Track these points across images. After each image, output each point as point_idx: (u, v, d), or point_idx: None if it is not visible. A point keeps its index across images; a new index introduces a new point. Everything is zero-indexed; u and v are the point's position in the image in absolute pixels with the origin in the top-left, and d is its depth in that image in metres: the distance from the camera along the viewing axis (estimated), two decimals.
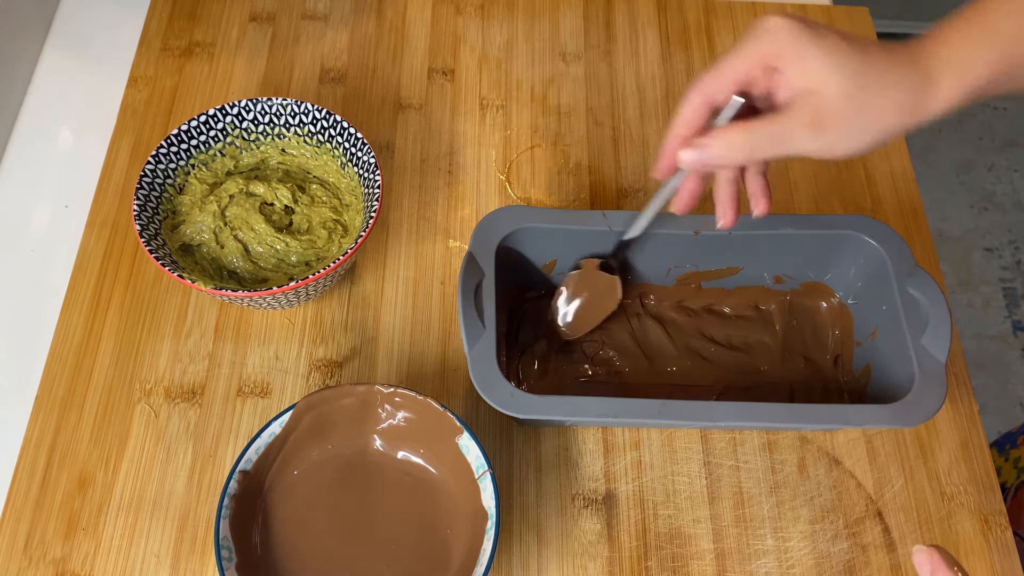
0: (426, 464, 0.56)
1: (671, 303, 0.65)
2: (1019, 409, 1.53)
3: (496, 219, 0.58)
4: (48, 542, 0.55)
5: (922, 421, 0.53)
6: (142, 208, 0.59)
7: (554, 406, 0.53)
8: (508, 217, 0.59)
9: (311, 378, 0.62)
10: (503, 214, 0.59)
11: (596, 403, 0.53)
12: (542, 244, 0.60)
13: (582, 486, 0.59)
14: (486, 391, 0.52)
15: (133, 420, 0.59)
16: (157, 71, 0.75)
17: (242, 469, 0.52)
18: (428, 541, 0.54)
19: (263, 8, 0.79)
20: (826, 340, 0.64)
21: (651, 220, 0.56)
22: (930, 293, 0.57)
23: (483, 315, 0.54)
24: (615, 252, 0.60)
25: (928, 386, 0.54)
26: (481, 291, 0.55)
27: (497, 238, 0.58)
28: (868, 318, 0.61)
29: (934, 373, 0.54)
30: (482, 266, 0.56)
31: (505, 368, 0.59)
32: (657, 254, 0.62)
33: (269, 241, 0.61)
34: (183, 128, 0.62)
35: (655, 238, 0.59)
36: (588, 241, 0.60)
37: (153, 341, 0.62)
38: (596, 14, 0.81)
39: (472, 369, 0.53)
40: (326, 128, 0.64)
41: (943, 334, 0.55)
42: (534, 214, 0.59)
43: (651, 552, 0.57)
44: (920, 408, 0.53)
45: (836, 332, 0.63)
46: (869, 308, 0.61)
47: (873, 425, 0.55)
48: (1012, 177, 1.75)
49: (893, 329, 0.57)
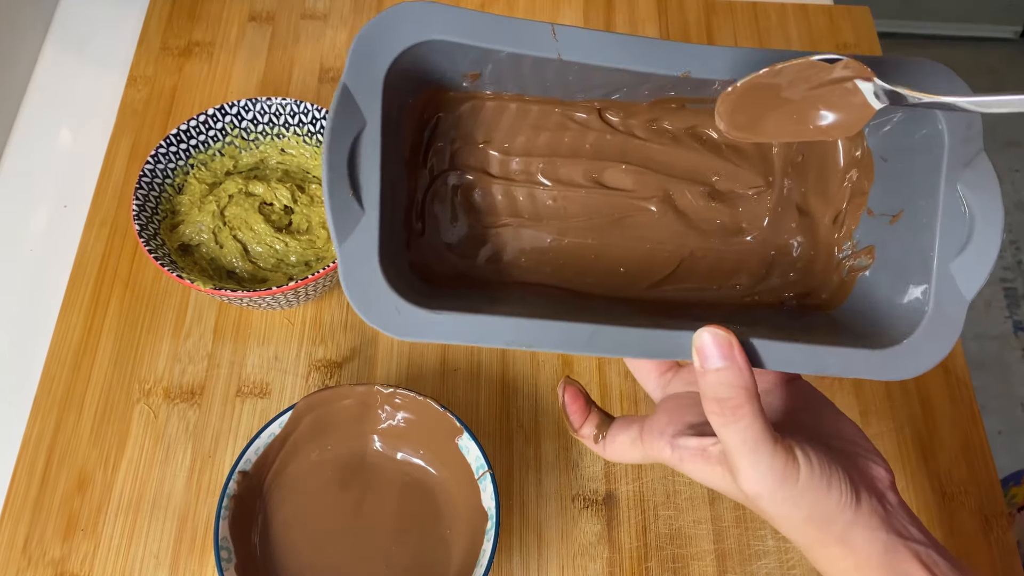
0: (426, 465, 0.56)
1: (641, 122, 0.46)
2: (1019, 409, 1.53)
3: (387, 28, 0.38)
4: (47, 542, 0.55)
5: (916, 374, 0.39)
6: (141, 208, 0.59)
7: (453, 330, 0.38)
8: (406, 22, 0.38)
9: (310, 378, 0.62)
10: (398, 16, 0.38)
11: (508, 325, 0.38)
12: (460, 61, 0.41)
13: (582, 487, 0.59)
14: (361, 305, 0.37)
15: (132, 420, 0.59)
16: (156, 71, 0.74)
17: (241, 470, 0.52)
18: (428, 542, 0.54)
19: (262, 7, 0.79)
20: (832, 187, 0.46)
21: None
22: (984, 198, 0.39)
23: (360, 188, 0.37)
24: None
25: (940, 328, 0.39)
26: (359, 149, 0.37)
27: (388, 59, 0.38)
28: (896, 191, 0.43)
29: (951, 313, 0.39)
30: (362, 107, 0.37)
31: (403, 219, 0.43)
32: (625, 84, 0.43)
33: (268, 241, 0.61)
34: (182, 128, 0.62)
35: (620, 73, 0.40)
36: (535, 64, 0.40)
37: (152, 341, 0.62)
38: (596, 14, 0.81)
39: (343, 273, 0.37)
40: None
41: (983, 263, 0.39)
42: (448, 18, 0.38)
43: (651, 553, 0.57)
44: (918, 355, 0.39)
45: (847, 182, 0.46)
46: (902, 180, 0.43)
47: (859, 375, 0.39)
48: (1013, 177, 1.75)
49: (919, 228, 0.41)
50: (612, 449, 0.42)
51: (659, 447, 0.40)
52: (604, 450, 0.43)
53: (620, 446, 0.42)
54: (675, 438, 0.40)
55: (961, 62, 1.97)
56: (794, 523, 0.37)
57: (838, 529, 0.37)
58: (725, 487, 0.38)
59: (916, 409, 0.63)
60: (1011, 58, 1.98)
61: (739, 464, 0.36)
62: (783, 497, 0.36)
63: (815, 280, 0.46)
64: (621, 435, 0.42)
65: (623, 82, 0.43)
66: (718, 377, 0.36)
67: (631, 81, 0.42)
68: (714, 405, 0.36)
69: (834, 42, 0.81)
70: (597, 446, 0.43)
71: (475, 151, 0.45)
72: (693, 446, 0.39)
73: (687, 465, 0.39)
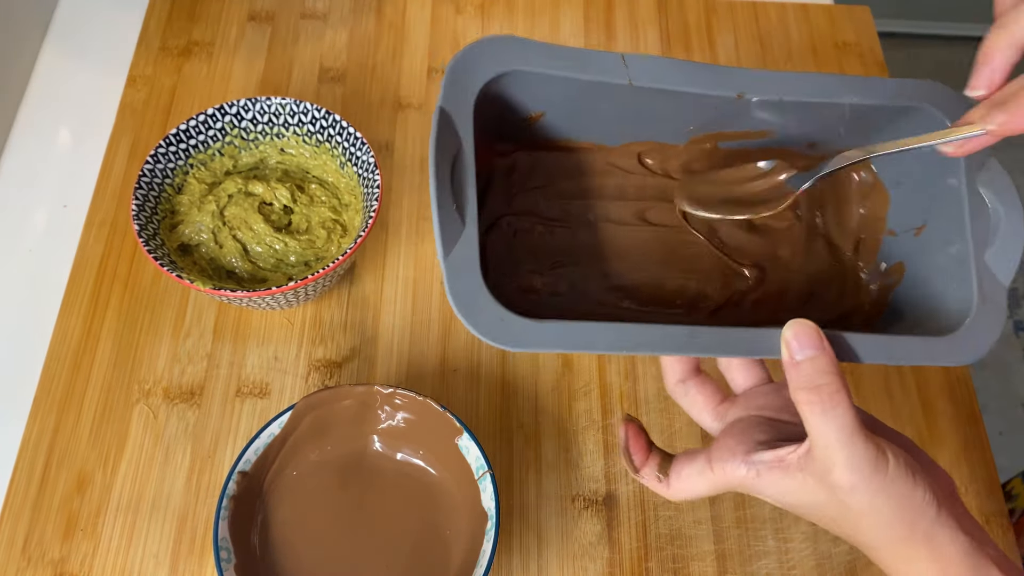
0: (426, 465, 0.56)
1: (677, 165, 0.50)
2: (1020, 409, 1.53)
3: (477, 57, 0.41)
4: (47, 543, 0.55)
5: (977, 358, 0.43)
6: (140, 208, 0.59)
7: (557, 337, 0.39)
8: (494, 53, 0.42)
9: (310, 379, 0.62)
10: (487, 49, 0.42)
11: (610, 330, 0.40)
12: (534, 92, 0.45)
13: (582, 487, 0.59)
14: (468, 314, 0.38)
15: (132, 421, 0.59)
16: (156, 70, 0.74)
17: (241, 470, 0.52)
18: (428, 542, 0.54)
19: (262, 7, 0.79)
20: (848, 219, 0.51)
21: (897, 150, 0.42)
22: (1003, 194, 0.45)
23: (463, 205, 0.39)
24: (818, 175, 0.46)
25: (988, 314, 0.43)
26: (460, 167, 0.39)
27: (477, 86, 0.41)
28: (915, 208, 0.48)
29: (995, 299, 0.44)
30: (459, 130, 0.40)
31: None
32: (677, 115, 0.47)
33: (268, 241, 0.61)
34: (182, 127, 0.62)
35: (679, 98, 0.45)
36: (599, 95, 0.45)
37: (152, 341, 0.62)
38: (596, 14, 0.81)
39: (449, 284, 0.38)
40: (325, 128, 0.63)
41: (1015, 249, 0.44)
42: (532, 51, 0.42)
43: (652, 553, 0.57)
44: (976, 341, 0.43)
45: (861, 211, 0.51)
46: (919, 197, 0.48)
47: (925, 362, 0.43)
48: (1012, 177, 1.75)
49: (950, 233, 0.45)
50: (678, 485, 0.42)
51: (731, 468, 0.40)
52: (669, 488, 0.42)
53: (687, 480, 0.41)
54: (748, 455, 0.39)
55: (961, 62, 1.97)
56: (885, 518, 0.37)
57: (924, 526, 0.37)
58: (804, 495, 0.38)
59: (916, 409, 0.63)
60: None
61: (836, 456, 0.36)
62: (877, 487, 0.36)
63: (849, 302, 0.50)
64: (687, 468, 0.41)
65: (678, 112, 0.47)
66: (813, 365, 0.37)
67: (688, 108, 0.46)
68: (811, 395, 0.36)
69: (834, 42, 0.81)
70: (660, 485, 0.42)
71: (531, 195, 0.48)
72: (769, 458, 0.39)
73: (764, 479, 0.39)
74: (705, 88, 0.44)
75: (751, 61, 0.79)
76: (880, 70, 0.79)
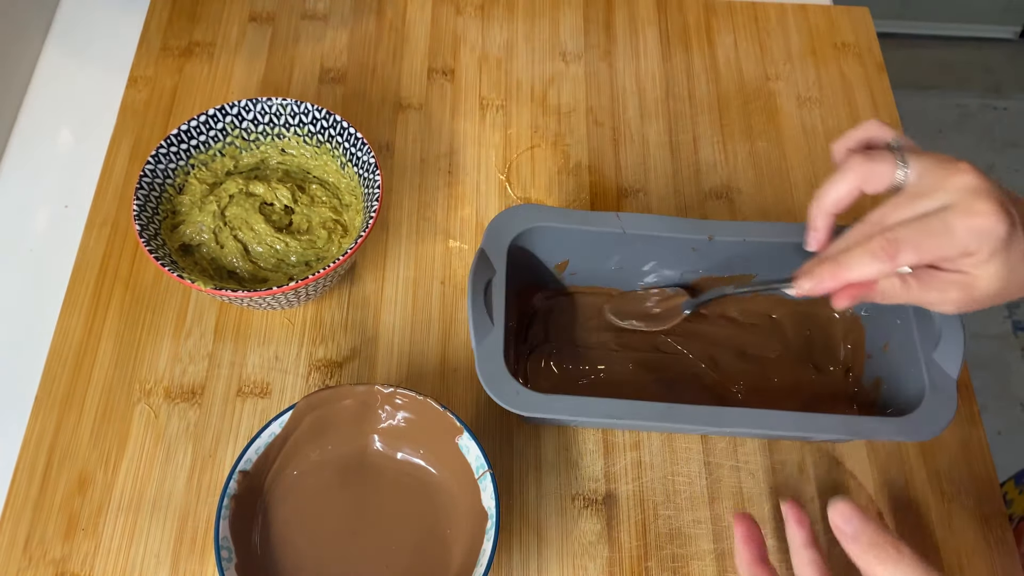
0: (426, 464, 0.56)
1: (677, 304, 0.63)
2: (1019, 409, 1.53)
3: (509, 217, 0.58)
4: (48, 542, 0.55)
5: (930, 436, 0.53)
6: (142, 208, 0.59)
7: (560, 405, 0.53)
8: (522, 215, 0.59)
9: (311, 378, 0.62)
10: (517, 212, 0.59)
11: (602, 404, 0.53)
12: (554, 244, 0.61)
13: (582, 486, 0.59)
14: (493, 388, 0.52)
15: (133, 420, 0.59)
16: (157, 71, 0.74)
17: (242, 469, 0.52)
18: (428, 541, 0.54)
19: (263, 8, 0.79)
20: (837, 351, 0.63)
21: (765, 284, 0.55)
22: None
23: (492, 312, 0.54)
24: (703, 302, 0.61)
25: (938, 401, 0.53)
26: (491, 288, 0.55)
27: (509, 236, 0.58)
28: (880, 330, 0.60)
29: (945, 388, 0.54)
30: (493, 263, 0.56)
31: (513, 366, 0.59)
32: (669, 257, 0.62)
33: (269, 241, 0.61)
34: (183, 128, 0.62)
35: (668, 243, 0.59)
36: (602, 243, 0.60)
37: (153, 341, 0.62)
38: (596, 14, 0.81)
39: (479, 366, 0.53)
40: (326, 128, 0.63)
41: (956, 349, 0.55)
42: (548, 213, 0.59)
43: (651, 552, 0.57)
44: (929, 423, 0.53)
45: (848, 345, 0.63)
46: (881, 320, 0.60)
47: (882, 437, 0.54)
48: (1012, 177, 1.75)
49: (905, 342, 0.57)
50: None
51: None
52: None
53: None
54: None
55: (960, 62, 1.97)
56: None
57: None
58: None
59: None
60: (1010, 58, 1.98)
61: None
62: None
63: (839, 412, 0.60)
64: None
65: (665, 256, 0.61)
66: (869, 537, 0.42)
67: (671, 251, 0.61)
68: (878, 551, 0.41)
69: (833, 42, 0.81)
70: None
71: (564, 328, 0.64)
72: None
73: None
74: (680, 232, 0.59)
75: (750, 61, 0.79)
76: (879, 70, 0.79)
